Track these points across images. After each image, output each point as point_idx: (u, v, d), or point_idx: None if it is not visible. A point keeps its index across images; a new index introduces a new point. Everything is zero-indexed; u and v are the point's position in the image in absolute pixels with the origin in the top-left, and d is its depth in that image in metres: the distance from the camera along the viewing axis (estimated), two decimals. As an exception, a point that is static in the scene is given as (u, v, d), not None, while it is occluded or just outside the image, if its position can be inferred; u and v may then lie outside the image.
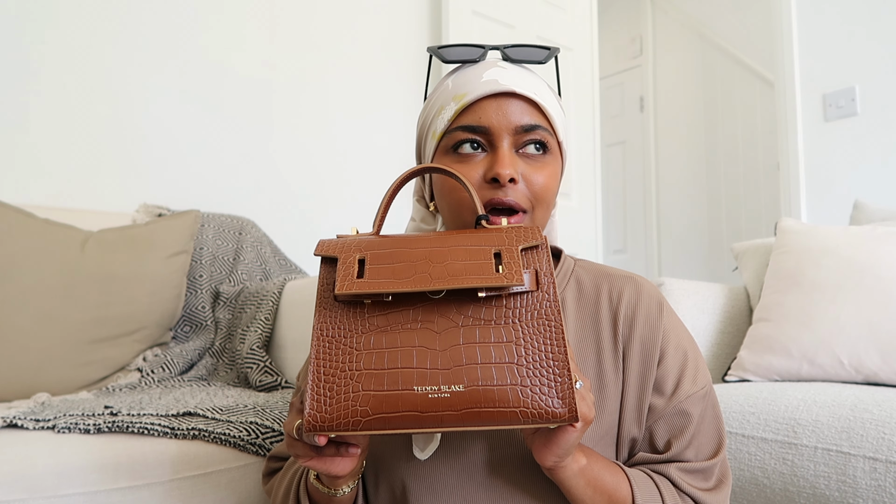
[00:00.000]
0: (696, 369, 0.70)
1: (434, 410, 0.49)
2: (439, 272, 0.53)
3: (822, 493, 1.01)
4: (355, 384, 0.50)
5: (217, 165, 1.90)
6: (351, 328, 0.53)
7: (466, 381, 0.50)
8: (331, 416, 0.50)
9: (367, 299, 0.54)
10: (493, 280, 0.52)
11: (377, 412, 0.49)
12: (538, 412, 0.50)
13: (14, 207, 1.31)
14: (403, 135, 2.34)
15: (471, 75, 0.68)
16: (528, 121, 0.66)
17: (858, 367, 1.24)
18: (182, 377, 1.38)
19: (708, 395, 0.70)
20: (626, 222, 4.09)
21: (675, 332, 0.71)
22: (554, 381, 0.51)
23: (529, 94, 0.66)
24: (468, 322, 0.53)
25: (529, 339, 0.52)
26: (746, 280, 1.67)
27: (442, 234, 0.58)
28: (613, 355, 0.69)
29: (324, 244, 0.58)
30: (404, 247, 0.56)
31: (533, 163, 0.67)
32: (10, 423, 0.95)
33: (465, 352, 0.51)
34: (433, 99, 0.72)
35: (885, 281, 1.27)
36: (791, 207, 2.58)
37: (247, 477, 0.98)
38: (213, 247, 1.59)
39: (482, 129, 0.65)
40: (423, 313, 0.53)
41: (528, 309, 0.54)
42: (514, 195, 0.65)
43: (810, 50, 2.56)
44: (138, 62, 1.77)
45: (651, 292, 0.72)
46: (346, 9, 2.21)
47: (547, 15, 2.68)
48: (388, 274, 0.53)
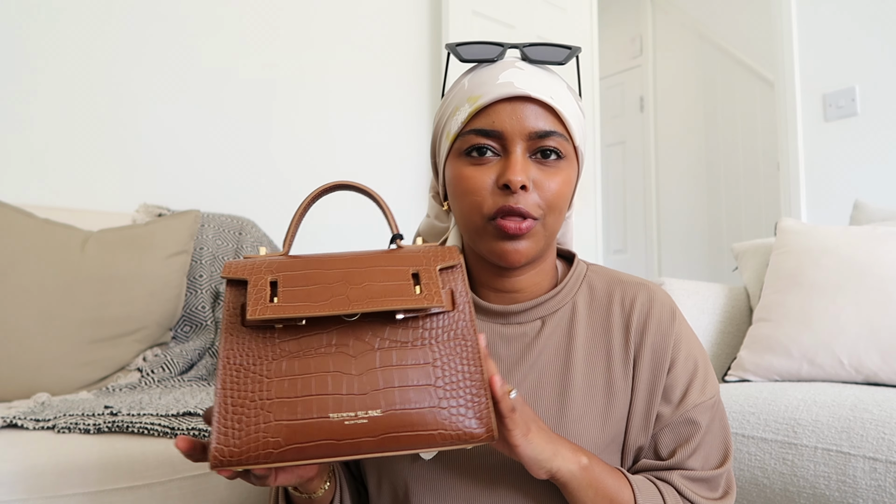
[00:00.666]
0: (706, 379, 0.69)
1: (351, 437, 0.47)
2: (357, 294, 0.51)
3: (822, 493, 1.01)
4: (266, 414, 0.47)
5: (217, 165, 1.90)
6: (260, 354, 0.50)
7: (384, 406, 0.48)
8: (239, 450, 0.47)
9: (279, 324, 0.51)
10: (413, 301, 0.51)
11: (291, 443, 0.47)
12: (456, 433, 0.49)
13: (14, 207, 1.31)
14: (403, 135, 2.34)
15: (487, 76, 0.66)
16: (542, 126, 0.64)
17: (858, 367, 1.24)
18: (182, 377, 1.37)
19: (716, 404, 0.69)
20: (626, 222, 4.09)
21: (687, 340, 0.70)
22: (471, 401, 0.50)
23: (546, 98, 0.64)
24: (384, 345, 0.51)
25: (446, 359, 0.51)
26: (746, 280, 1.67)
27: (358, 254, 0.56)
28: (623, 362, 0.69)
29: (231, 266, 0.55)
30: (319, 268, 0.53)
31: (546, 169, 0.65)
32: (10, 423, 0.95)
33: (381, 375, 0.49)
34: (449, 98, 0.70)
35: (885, 281, 1.27)
36: (791, 207, 2.58)
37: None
38: (213, 247, 1.59)
39: (495, 133, 0.64)
40: (337, 336, 0.51)
41: (444, 329, 0.53)
42: (525, 202, 0.63)
43: (810, 50, 2.56)
44: (138, 62, 1.77)
45: (664, 300, 0.71)
46: (346, 9, 2.21)
47: (547, 15, 2.68)
48: (304, 297, 0.50)
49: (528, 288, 0.71)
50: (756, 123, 3.40)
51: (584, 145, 0.70)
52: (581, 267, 0.75)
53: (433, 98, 2.43)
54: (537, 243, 0.66)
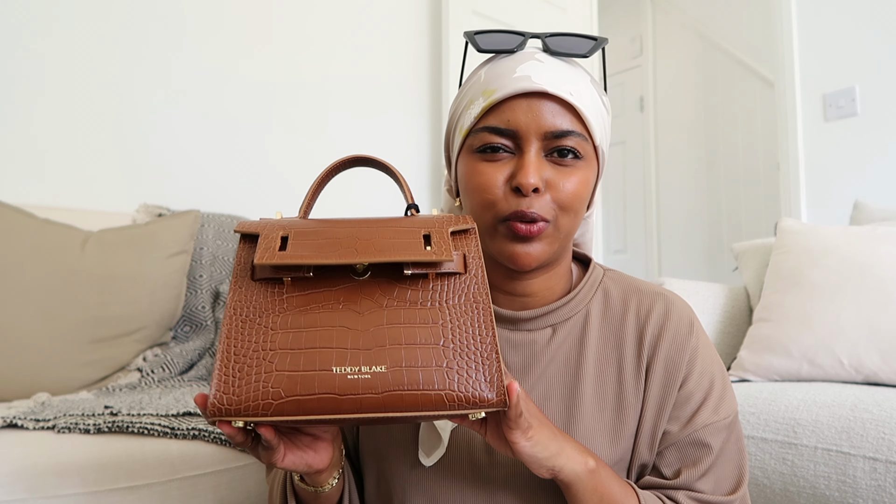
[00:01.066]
0: (721, 398, 0.65)
1: (353, 393, 0.46)
2: (366, 247, 0.50)
3: (822, 493, 1.01)
4: (268, 364, 0.47)
5: (217, 165, 1.90)
6: (267, 307, 0.50)
7: (389, 363, 0.47)
8: (238, 399, 0.46)
9: (286, 275, 0.50)
10: (421, 255, 0.49)
11: (290, 394, 0.46)
12: (465, 396, 0.47)
13: (14, 207, 1.31)
14: (404, 135, 2.34)
15: (504, 68, 0.63)
16: (560, 125, 0.61)
17: (858, 367, 1.24)
18: (182, 377, 1.37)
19: (731, 425, 0.65)
20: (626, 222, 4.09)
21: (704, 355, 0.66)
22: (482, 364, 0.48)
23: (564, 94, 0.60)
24: (393, 304, 0.50)
25: (456, 321, 0.50)
26: (746, 280, 1.67)
27: (369, 218, 0.55)
28: (635, 376, 0.65)
29: (245, 223, 0.54)
30: (330, 226, 0.53)
31: (562, 169, 0.62)
32: (10, 423, 0.95)
33: (388, 333, 0.48)
34: (464, 90, 0.67)
35: (885, 281, 1.27)
36: (791, 207, 2.58)
37: (247, 477, 0.98)
38: (213, 247, 1.59)
39: (510, 131, 0.61)
40: (346, 293, 0.50)
41: (455, 292, 0.51)
42: (538, 206, 0.60)
43: (810, 50, 2.56)
44: (138, 62, 1.77)
45: (682, 311, 0.68)
46: (347, 10, 2.21)
47: (547, 15, 2.68)
48: (312, 248, 0.50)
49: (541, 292, 0.68)
50: (756, 123, 3.40)
51: (605, 143, 0.67)
52: (597, 272, 0.72)
53: (433, 98, 2.43)
54: (550, 246, 0.63)
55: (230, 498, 0.95)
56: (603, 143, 0.66)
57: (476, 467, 0.65)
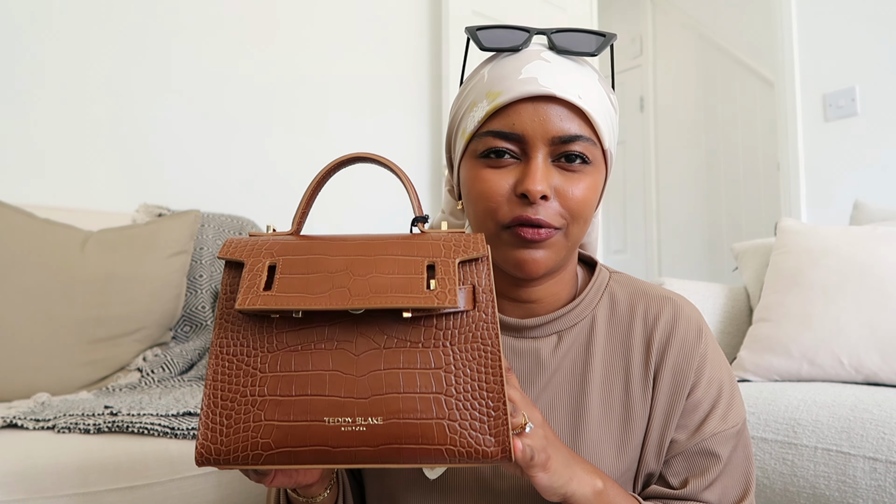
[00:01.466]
0: (730, 406, 0.64)
1: (347, 445, 0.43)
2: (360, 287, 0.46)
3: (822, 493, 1.01)
4: (257, 412, 0.44)
5: (217, 165, 1.90)
6: (256, 346, 0.46)
7: (385, 414, 0.44)
8: (227, 449, 0.44)
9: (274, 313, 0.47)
10: (421, 300, 0.45)
11: (281, 445, 0.44)
12: (467, 451, 0.44)
13: (14, 207, 1.31)
14: (404, 135, 2.34)
15: (509, 68, 0.60)
16: (568, 130, 0.58)
17: (858, 367, 1.24)
18: (182, 377, 1.37)
19: (740, 433, 0.64)
20: (626, 222, 4.09)
21: (712, 362, 0.65)
22: (487, 415, 0.45)
23: (573, 98, 0.58)
24: (392, 343, 0.46)
25: (461, 365, 0.46)
26: (746, 280, 1.67)
27: (370, 239, 0.50)
28: (643, 383, 0.64)
29: (231, 244, 0.50)
30: (323, 253, 0.48)
31: (570, 175, 0.59)
32: (10, 423, 0.95)
33: (385, 379, 0.45)
34: (466, 90, 0.64)
35: (885, 281, 1.27)
36: (791, 207, 2.58)
37: (247, 477, 0.98)
38: (213, 247, 1.59)
39: (515, 136, 0.58)
40: (340, 332, 0.46)
41: (461, 331, 0.47)
42: (545, 213, 0.58)
43: (810, 50, 2.56)
44: (138, 62, 1.77)
45: (690, 316, 0.66)
46: (346, 10, 2.21)
47: (547, 15, 2.68)
48: (301, 286, 0.46)
49: (546, 298, 0.66)
50: (756, 123, 3.40)
51: (613, 145, 0.64)
52: (603, 275, 0.70)
53: (433, 98, 2.43)
54: (557, 253, 0.61)
55: (230, 498, 0.95)
56: (611, 145, 0.63)
57: (480, 479, 0.64)
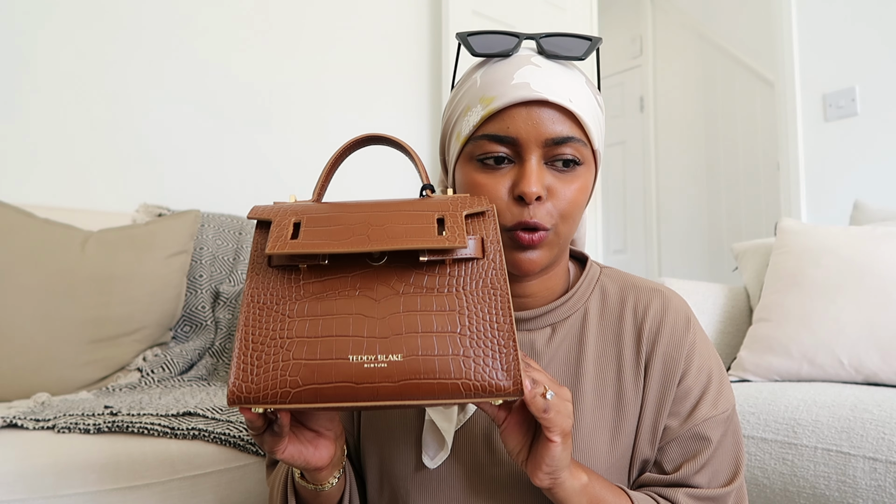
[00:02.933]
0: (719, 392, 0.66)
1: (369, 381, 0.46)
2: (378, 234, 0.50)
3: (822, 493, 1.01)
4: (285, 352, 0.47)
5: (217, 165, 1.90)
6: (284, 294, 0.50)
7: (405, 351, 0.47)
8: (257, 387, 0.47)
9: (301, 262, 0.50)
10: (434, 242, 0.49)
11: (308, 382, 0.46)
12: (481, 385, 0.47)
13: (14, 207, 1.31)
14: (404, 135, 2.34)
15: (501, 74, 0.62)
16: (560, 132, 0.60)
17: (858, 367, 1.24)
18: (182, 377, 1.38)
19: (729, 419, 0.66)
20: (626, 222, 4.09)
21: (701, 350, 0.67)
22: (498, 352, 0.48)
23: (564, 102, 0.60)
24: (409, 290, 0.50)
25: (473, 308, 0.50)
26: (746, 280, 1.67)
27: (384, 201, 0.55)
28: (634, 372, 0.66)
29: (258, 209, 0.54)
30: (343, 211, 0.53)
31: (562, 176, 0.62)
32: (10, 423, 0.95)
33: (404, 320, 0.48)
34: (459, 94, 0.66)
35: (885, 281, 1.27)
36: (791, 207, 2.58)
37: (247, 477, 0.98)
38: (213, 247, 1.59)
39: (510, 139, 0.60)
40: (361, 280, 0.50)
41: (472, 277, 0.51)
42: (540, 214, 0.61)
43: (810, 50, 2.55)
44: (137, 62, 1.77)
45: (679, 307, 0.68)
46: (346, 9, 2.21)
47: (547, 15, 2.68)
48: (324, 236, 0.50)
49: (540, 293, 0.69)
50: (756, 123, 3.40)
51: (602, 145, 0.67)
52: (594, 270, 0.73)
53: (433, 98, 2.43)
54: (551, 251, 0.64)
55: (230, 498, 0.95)
56: (600, 145, 0.66)
57: (479, 467, 0.65)
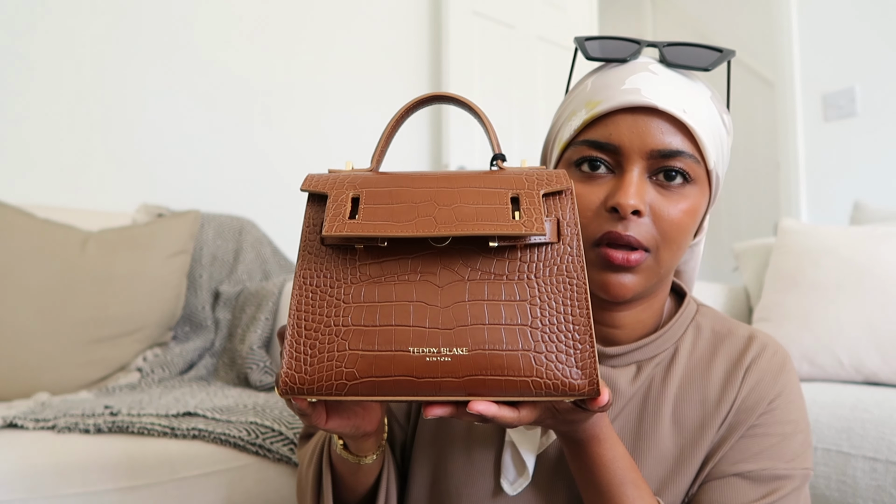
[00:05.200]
0: (800, 447, 0.59)
1: (432, 376, 0.43)
2: (446, 216, 0.45)
3: (822, 493, 1.01)
4: (341, 342, 0.44)
5: (217, 165, 1.90)
6: (339, 277, 0.46)
7: (471, 344, 0.43)
8: (311, 378, 0.43)
9: (358, 244, 0.46)
10: (508, 227, 0.44)
11: (366, 375, 0.43)
12: (553, 383, 0.43)
13: (14, 207, 1.31)
14: (403, 135, 2.34)
15: (612, 79, 0.58)
16: (667, 144, 0.55)
17: (858, 367, 1.24)
18: (182, 377, 1.38)
19: (803, 486, 0.59)
20: (626, 222, 4.08)
21: (790, 399, 0.61)
22: (574, 347, 0.44)
23: (676, 111, 0.55)
24: (476, 276, 0.45)
25: (547, 298, 0.45)
26: (746, 280, 1.67)
27: (450, 173, 0.49)
28: (714, 420, 0.60)
29: (312, 179, 0.49)
30: (406, 185, 0.47)
31: (668, 193, 0.56)
32: (10, 423, 0.95)
33: (470, 310, 0.44)
34: (568, 100, 0.62)
35: (885, 281, 1.27)
36: (791, 207, 2.58)
37: (247, 477, 0.98)
38: (213, 247, 1.59)
39: (611, 147, 0.56)
40: (423, 263, 0.46)
41: (546, 263, 0.46)
42: (637, 230, 0.55)
43: (810, 50, 2.55)
44: (137, 62, 1.77)
45: (776, 351, 0.62)
46: (346, 9, 2.21)
47: (547, 15, 2.68)
48: (386, 215, 0.45)
49: (630, 325, 0.63)
50: (756, 123, 3.40)
51: (721, 167, 0.60)
52: (691, 308, 0.66)
53: (433, 98, 2.43)
54: (647, 279, 0.57)
55: (230, 498, 0.95)
56: (718, 166, 0.59)
57: (558, 495, 0.61)
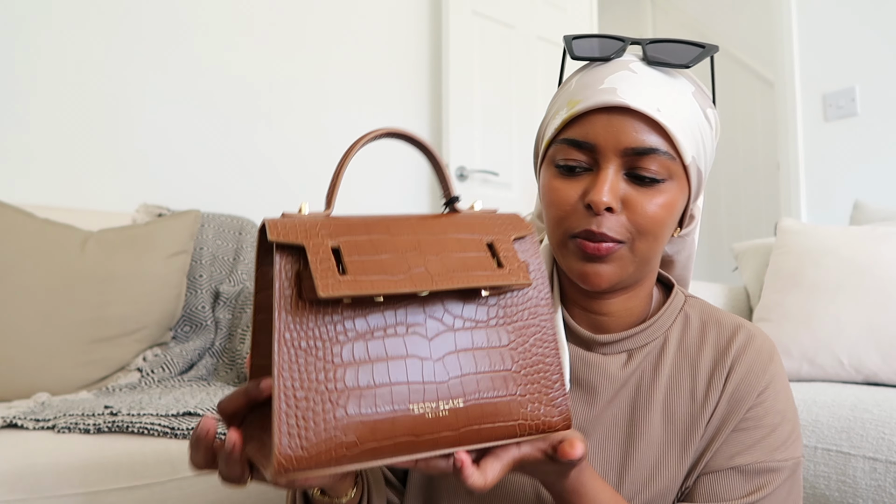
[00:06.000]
0: (789, 437, 0.61)
1: (431, 433, 0.42)
2: (437, 267, 0.43)
3: (822, 493, 1.01)
4: (338, 409, 0.40)
5: (217, 165, 1.90)
6: (325, 336, 0.41)
7: (465, 395, 0.43)
8: (308, 455, 0.39)
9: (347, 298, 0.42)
10: (498, 278, 0.44)
11: (366, 441, 0.40)
12: (535, 423, 0.45)
13: (14, 207, 1.31)
14: (403, 135, 2.34)
15: (593, 78, 0.59)
16: (641, 143, 0.56)
17: (858, 367, 1.24)
18: (182, 377, 1.37)
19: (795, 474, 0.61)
20: (626, 222, 4.09)
21: (778, 390, 0.63)
22: (550, 386, 0.46)
23: (649, 110, 0.56)
24: (460, 324, 0.45)
25: (524, 341, 0.47)
26: (746, 280, 1.67)
27: (420, 218, 0.48)
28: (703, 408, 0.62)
29: (277, 225, 0.42)
30: (383, 233, 0.45)
31: (643, 189, 0.58)
32: (10, 423, 0.95)
33: (461, 360, 0.44)
34: (556, 97, 0.65)
35: (885, 281, 1.27)
36: (791, 207, 2.58)
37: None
38: (213, 247, 1.59)
39: (588, 145, 0.58)
40: (408, 314, 0.44)
41: (519, 308, 0.47)
42: (609, 225, 0.57)
43: (810, 50, 2.55)
44: (137, 62, 1.77)
45: (763, 343, 0.64)
46: (345, 9, 2.21)
47: (547, 15, 2.68)
48: (377, 268, 0.42)
49: (619, 313, 0.65)
50: (756, 123, 3.40)
51: (703, 161, 0.62)
52: (679, 298, 0.68)
53: (432, 97, 2.43)
54: (623, 269, 0.59)
55: (230, 498, 0.95)
56: (698, 161, 0.61)
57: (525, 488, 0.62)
